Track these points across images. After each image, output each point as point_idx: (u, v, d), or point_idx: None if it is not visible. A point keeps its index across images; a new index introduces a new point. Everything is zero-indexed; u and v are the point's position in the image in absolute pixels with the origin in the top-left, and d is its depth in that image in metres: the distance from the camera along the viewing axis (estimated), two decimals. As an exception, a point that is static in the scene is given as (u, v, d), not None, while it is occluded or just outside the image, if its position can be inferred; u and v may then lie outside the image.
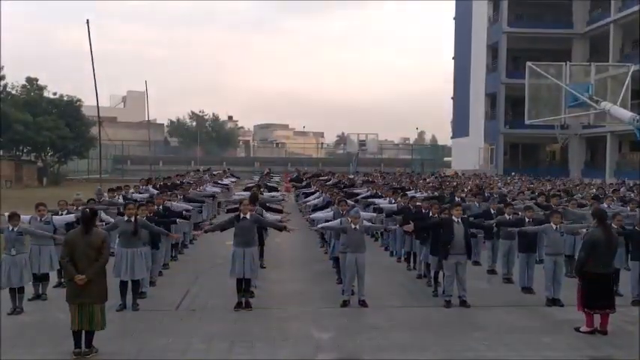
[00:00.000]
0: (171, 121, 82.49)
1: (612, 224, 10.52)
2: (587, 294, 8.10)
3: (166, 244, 11.92)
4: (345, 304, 9.40)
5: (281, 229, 10.13)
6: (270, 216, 11.15)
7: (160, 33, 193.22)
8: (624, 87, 11.15)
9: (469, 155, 46.59)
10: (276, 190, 20.77)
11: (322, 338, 7.82)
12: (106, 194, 14.00)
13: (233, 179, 26.03)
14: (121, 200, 13.60)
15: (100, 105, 25.81)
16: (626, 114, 9.49)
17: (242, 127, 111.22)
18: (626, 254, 10.24)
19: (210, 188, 19.28)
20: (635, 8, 34.95)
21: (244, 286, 9.25)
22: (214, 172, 27.03)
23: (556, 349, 7.45)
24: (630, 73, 11.49)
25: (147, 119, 48.76)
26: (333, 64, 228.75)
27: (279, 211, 12.45)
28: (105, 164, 47.61)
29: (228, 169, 32.61)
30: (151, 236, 9.86)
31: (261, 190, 16.58)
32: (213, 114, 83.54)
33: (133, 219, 9.15)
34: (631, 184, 22.74)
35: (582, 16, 41.61)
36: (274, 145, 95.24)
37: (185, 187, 15.99)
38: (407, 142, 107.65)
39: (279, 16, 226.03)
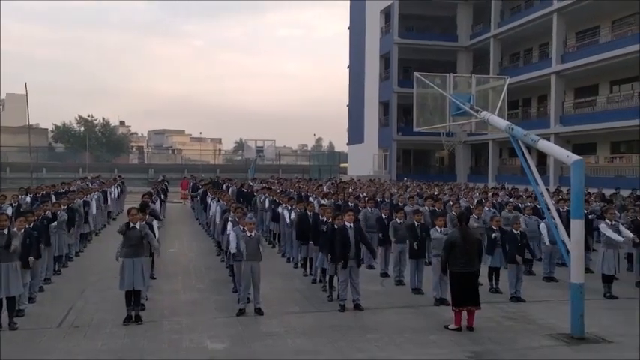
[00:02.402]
0: (57, 126, 77.95)
1: (491, 225, 11.31)
2: (453, 292, 8.60)
3: (48, 256, 11.17)
4: (240, 312, 9.31)
5: (156, 249, 9.62)
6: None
7: (45, 32, 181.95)
8: (501, 98, 11.98)
9: (364, 161, 47.95)
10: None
11: (216, 348, 7.67)
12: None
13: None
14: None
15: (-27, 108, 23.68)
16: (503, 123, 10.16)
17: (135, 133, 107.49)
18: (504, 254, 10.95)
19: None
20: (512, 24, 37.82)
21: (134, 299, 8.87)
22: (103, 181, 25.77)
23: (442, 346, 7.82)
24: (506, 85, 12.38)
25: (28, 124, 45.45)
26: (230, 70, 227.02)
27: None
28: (-20, 172, 43.83)
29: (120, 176, 31.23)
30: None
31: (153, 198, 16.02)
32: (104, 119, 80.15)
33: (5, 231, 8.45)
34: (510, 188, 24.45)
35: (466, 30, 44.34)
36: (170, 151, 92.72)
37: (70, 196, 15.04)
38: (305, 148, 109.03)
39: (175, 20, 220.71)
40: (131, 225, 8.92)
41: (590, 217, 13.17)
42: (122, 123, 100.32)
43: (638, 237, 11.61)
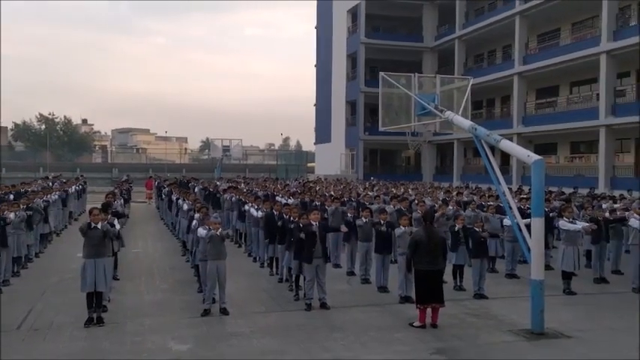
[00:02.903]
0: (16, 124, 76.06)
1: (455, 224, 11.48)
2: (418, 290, 8.70)
3: (6, 258, 10.87)
4: (206, 312, 9.22)
5: (118, 237, 9.80)
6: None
7: (5, 29, 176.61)
8: (465, 98, 12.15)
9: (332, 161, 48.06)
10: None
11: (180, 350, 7.57)
12: None
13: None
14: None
15: None
16: (466, 123, 10.30)
17: (98, 132, 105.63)
18: (468, 251, 11.12)
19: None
20: (476, 26, 38.44)
21: (96, 300, 8.69)
22: (64, 180, 25.21)
23: (406, 344, 7.89)
24: (470, 86, 12.57)
25: (-14, 121, 44.19)
26: (196, 68, 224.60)
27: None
28: None
29: (82, 175, 30.62)
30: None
31: (117, 197, 15.75)
32: (65, 117, 78.49)
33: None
34: (473, 187, 24.87)
35: (431, 31, 44.85)
36: (134, 150, 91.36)
37: (30, 196, 14.67)
38: (272, 147, 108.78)
39: (140, 18, 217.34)
40: (92, 225, 8.75)
41: (551, 214, 13.48)
42: (84, 121, 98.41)
43: (596, 234, 11.95)
